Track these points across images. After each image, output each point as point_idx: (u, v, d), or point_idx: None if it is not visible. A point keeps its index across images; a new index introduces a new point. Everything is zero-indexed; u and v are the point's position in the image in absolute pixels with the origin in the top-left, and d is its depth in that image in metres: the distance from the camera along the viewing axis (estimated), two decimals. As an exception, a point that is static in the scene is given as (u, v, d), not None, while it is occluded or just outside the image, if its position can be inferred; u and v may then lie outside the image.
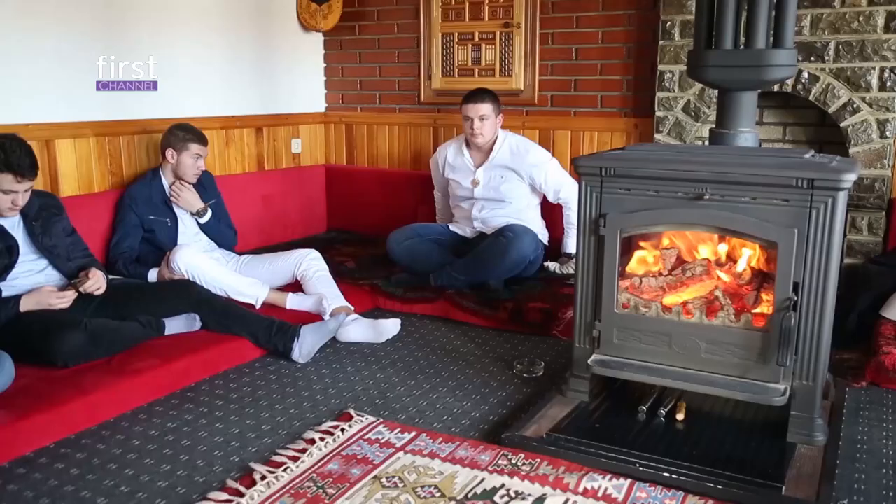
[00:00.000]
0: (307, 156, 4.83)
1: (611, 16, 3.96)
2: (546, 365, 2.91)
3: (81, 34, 3.43)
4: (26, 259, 2.82)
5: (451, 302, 3.47)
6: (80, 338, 2.58)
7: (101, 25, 3.51)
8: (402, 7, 4.55)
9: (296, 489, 2.05)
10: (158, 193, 3.44)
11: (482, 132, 3.68)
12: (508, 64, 4.27)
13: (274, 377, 2.84)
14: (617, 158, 2.41)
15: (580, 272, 2.47)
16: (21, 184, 2.70)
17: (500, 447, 2.25)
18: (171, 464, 2.21)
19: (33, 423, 2.27)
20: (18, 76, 3.21)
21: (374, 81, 4.75)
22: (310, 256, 3.46)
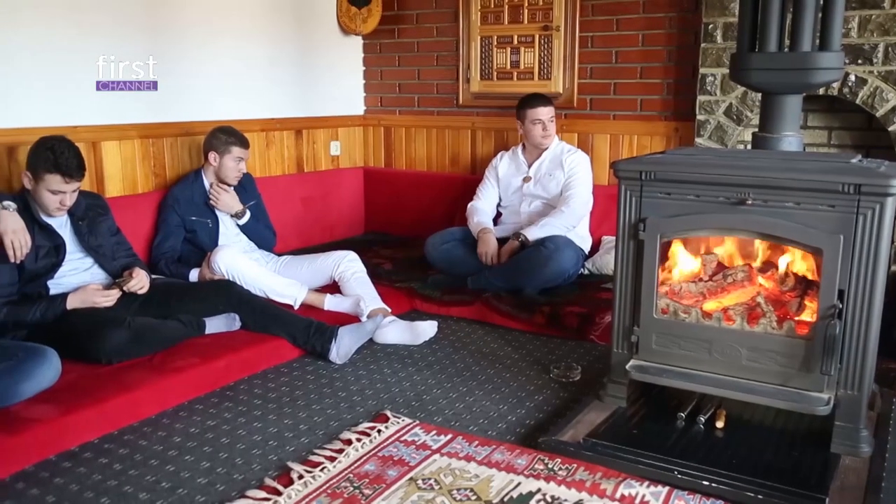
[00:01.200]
0: (346, 158, 4.87)
1: (652, 18, 3.93)
2: (583, 370, 2.89)
3: (128, 38, 3.50)
4: (73, 258, 2.89)
5: (488, 305, 3.46)
6: (124, 336, 2.63)
7: (146, 29, 3.58)
8: (441, 10, 4.57)
9: (332, 489, 2.06)
10: (200, 195, 3.49)
11: (551, 133, 3.78)
12: (547, 67, 4.26)
13: (311, 377, 2.87)
14: (657, 162, 2.38)
15: (618, 276, 2.45)
16: (69, 184, 2.77)
17: (536, 451, 2.25)
18: (210, 461, 2.24)
19: (78, 419, 2.32)
20: (67, 80, 3.29)
21: (413, 85, 4.77)
22: (348, 258, 3.49)
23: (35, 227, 2.76)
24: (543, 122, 3.75)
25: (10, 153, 3.08)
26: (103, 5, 3.39)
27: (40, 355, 2.39)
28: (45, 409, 2.31)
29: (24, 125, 3.11)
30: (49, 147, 2.73)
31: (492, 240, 3.67)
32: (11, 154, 3.08)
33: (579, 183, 3.73)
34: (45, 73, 3.20)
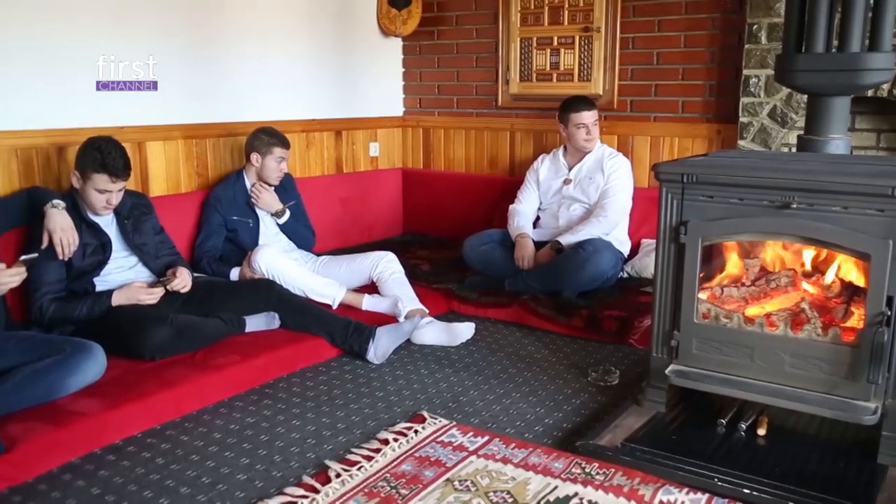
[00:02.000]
0: (384, 159, 4.90)
1: (694, 19, 3.88)
2: (621, 374, 2.87)
3: (172, 41, 3.56)
4: (118, 256, 2.95)
5: (526, 307, 3.45)
6: (167, 333, 2.68)
7: (188, 30, 3.64)
8: (481, 12, 4.57)
9: (369, 488, 2.07)
10: (241, 195, 3.54)
11: (594, 137, 3.75)
12: (587, 69, 4.23)
13: (349, 377, 2.89)
14: (700, 165, 2.35)
15: (658, 280, 2.42)
16: (115, 184, 2.83)
17: (573, 455, 2.23)
18: (249, 458, 2.27)
19: (122, 413, 2.37)
20: (114, 79, 3.35)
21: (452, 86, 4.78)
22: (386, 259, 3.50)
23: (82, 226, 2.83)
24: (587, 126, 3.71)
25: (60, 153, 3.15)
26: (152, 6, 3.46)
27: (87, 350, 2.45)
28: (90, 403, 2.36)
29: (72, 125, 3.18)
30: (97, 147, 2.79)
31: (529, 244, 3.66)
32: (61, 154, 3.16)
33: (618, 189, 3.69)
34: (93, 74, 3.26)
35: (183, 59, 3.62)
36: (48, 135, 3.12)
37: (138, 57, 3.42)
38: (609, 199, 3.67)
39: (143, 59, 3.44)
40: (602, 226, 3.60)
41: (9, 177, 3.02)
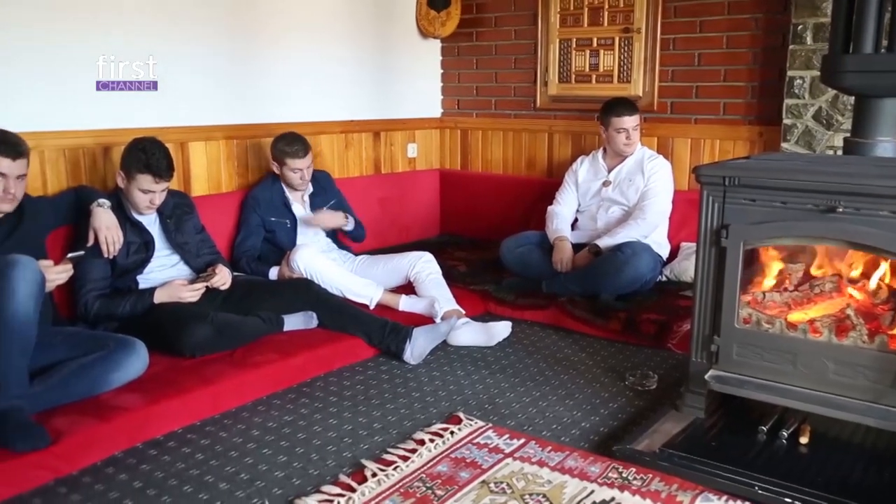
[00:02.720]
0: (422, 160, 4.91)
1: (737, 20, 3.82)
2: (659, 378, 2.83)
3: (215, 42, 3.62)
4: (161, 254, 3.00)
5: (563, 310, 3.43)
6: (208, 330, 2.72)
7: (230, 31, 3.69)
8: (520, 13, 4.56)
9: (405, 488, 2.08)
10: (279, 196, 3.58)
11: (634, 141, 3.71)
12: (627, 70, 4.20)
13: (386, 377, 2.90)
14: (742, 167, 2.32)
15: (699, 284, 2.39)
16: (158, 184, 2.88)
17: (610, 460, 2.21)
18: (287, 455, 2.29)
19: (163, 409, 2.41)
20: (158, 80, 3.41)
21: (490, 87, 4.77)
22: (423, 259, 3.51)
23: (127, 225, 2.89)
24: (628, 131, 3.68)
25: (106, 153, 3.22)
26: (199, 7, 3.52)
27: (130, 346, 2.50)
28: (132, 398, 2.41)
29: (117, 126, 3.24)
30: (141, 148, 2.85)
31: (567, 248, 3.64)
32: (106, 154, 3.22)
33: (657, 192, 3.65)
34: (139, 76, 3.32)
35: (225, 60, 3.67)
36: (95, 135, 3.19)
37: (180, 59, 3.48)
38: (648, 202, 3.63)
39: (186, 61, 3.50)
40: (641, 228, 3.56)
41: (57, 176, 3.09)
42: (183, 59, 3.49)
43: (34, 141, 2.92)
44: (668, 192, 3.70)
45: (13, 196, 2.50)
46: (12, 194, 2.50)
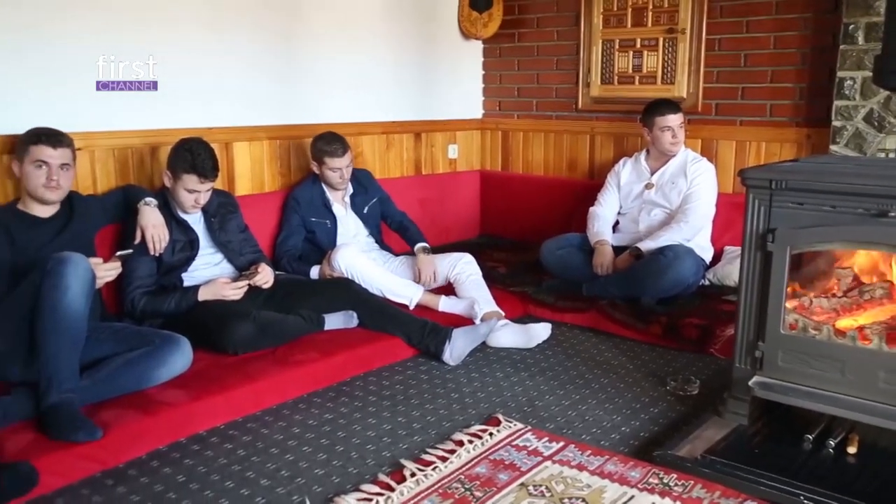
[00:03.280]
0: (463, 161, 4.91)
1: (785, 20, 3.75)
2: (701, 384, 2.79)
3: (259, 44, 3.67)
4: (205, 252, 3.05)
5: (603, 313, 3.40)
6: (250, 328, 2.76)
7: (275, 32, 3.74)
8: (563, 14, 4.53)
9: (444, 489, 2.08)
10: (319, 196, 3.61)
11: (680, 140, 3.68)
12: (671, 71, 4.15)
13: (425, 377, 2.91)
14: (789, 171, 2.28)
15: (743, 288, 2.35)
16: (203, 184, 2.93)
17: (651, 465, 2.19)
18: (327, 453, 2.31)
19: (206, 405, 2.45)
20: (203, 83, 3.48)
21: (532, 89, 4.75)
22: (463, 260, 3.51)
23: (173, 223, 2.94)
24: (673, 129, 3.63)
25: (153, 153, 3.29)
26: (242, 8, 3.58)
27: (175, 343, 2.54)
28: (177, 393, 2.45)
29: (165, 126, 3.31)
30: (188, 149, 2.90)
31: (608, 251, 3.61)
32: (154, 154, 3.29)
33: (701, 195, 3.60)
34: (183, 78, 3.39)
35: (269, 61, 3.72)
36: (142, 135, 3.26)
37: (224, 61, 3.54)
38: (692, 205, 3.58)
39: (230, 63, 3.56)
40: (684, 232, 3.52)
41: (106, 175, 3.16)
42: (227, 61, 3.55)
43: (84, 141, 3.01)
44: (711, 195, 3.64)
45: (57, 184, 2.58)
46: (55, 181, 2.57)
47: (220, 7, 3.48)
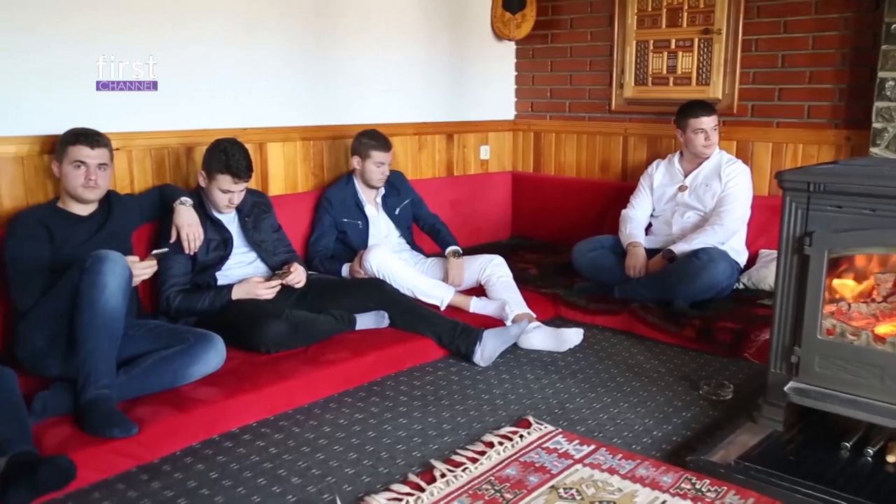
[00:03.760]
0: (495, 162, 4.91)
1: (824, 20, 3.68)
2: (735, 388, 2.76)
3: (292, 44, 3.70)
4: (238, 251, 3.09)
5: (636, 316, 3.38)
6: (283, 327, 2.78)
7: (306, 33, 3.77)
8: (597, 14, 4.51)
9: (474, 490, 2.08)
10: (352, 197, 3.63)
11: (714, 143, 3.63)
12: (706, 72, 4.10)
13: (455, 378, 2.91)
14: (828, 173, 2.24)
15: (779, 293, 2.32)
16: (237, 185, 2.97)
17: (683, 470, 2.16)
18: (357, 453, 2.32)
19: (239, 402, 2.48)
20: (236, 84, 3.51)
21: (565, 90, 4.73)
22: (494, 262, 3.51)
23: (207, 222, 2.98)
24: (706, 132, 3.59)
25: (188, 153, 3.33)
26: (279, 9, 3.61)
27: (209, 341, 2.57)
28: (210, 391, 2.48)
29: (198, 127, 3.35)
30: (222, 149, 2.94)
31: (641, 253, 3.58)
32: (189, 154, 3.33)
33: (735, 197, 3.55)
34: (218, 80, 3.43)
35: (302, 62, 3.75)
36: (179, 136, 3.30)
37: (256, 62, 3.57)
38: (726, 207, 3.54)
39: (263, 64, 3.59)
40: (718, 234, 3.48)
41: (143, 175, 3.21)
42: (261, 63, 3.58)
43: (124, 141, 3.06)
44: (746, 198, 3.60)
45: (95, 183, 2.63)
46: (93, 180, 2.63)
47: (253, 9, 3.51)
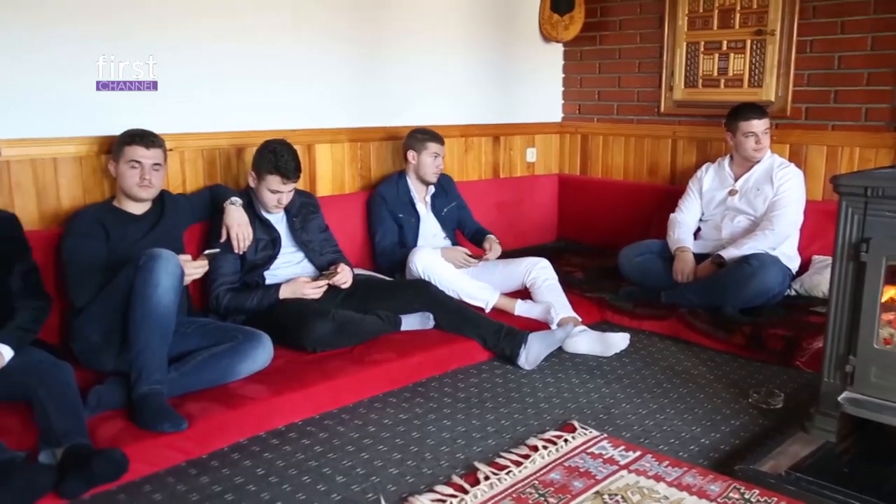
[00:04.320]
0: (541, 165, 4.89)
1: (884, 20, 3.58)
2: (786, 397, 2.70)
3: (340, 46, 3.73)
4: (286, 251, 3.13)
5: (683, 321, 3.33)
6: (329, 327, 2.81)
7: (358, 37, 3.80)
8: (646, 16, 4.46)
9: (517, 493, 2.07)
10: (405, 194, 3.66)
11: (764, 146, 3.56)
12: (759, 74, 4.02)
13: (500, 381, 2.90)
14: (887, 177, 2.18)
15: (834, 300, 2.26)
16: (286, 185, 3.01)
17: (731, 479, 2.13)
18: (401, 453, 2.33)
19: (286, 401, 2.51)
20: (291, 86, 3.56)
21: (613, 92, 4.69)
22: (540, 265, 3.49)
23: (256, 222, 3.02)
24: (757, 135, 3.52)
25: (239, 154, 3.39)
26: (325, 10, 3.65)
27: (257, 339, 2.61)
28: (258, 388, 2.52)
29: (249, 128, 3.40)
30: (272, 150, 2.98)
31: (689, 258, 3.52)
32: (239, 154, 3.39)
33: (788, 202, 3.47)
34: (265, 80, 3.48)
35: (350, 63, 3.78)
36: (230, 137, 3.36)
37: (311, 65, 3.62)
38: (778, 212, 3.46)
39: (313, 66, 3.63)
40: (769, 240, 3.40)
41: (195, 175, 3.27)
42: (311, 65, 3.62)
43: (177, 142, 3.13)
44: (799, 203, 3.51)
45: (149, 182, 2.70)
46: (148, 180, 2.70)
47: (304, 12, 3.56)
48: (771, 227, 3.43)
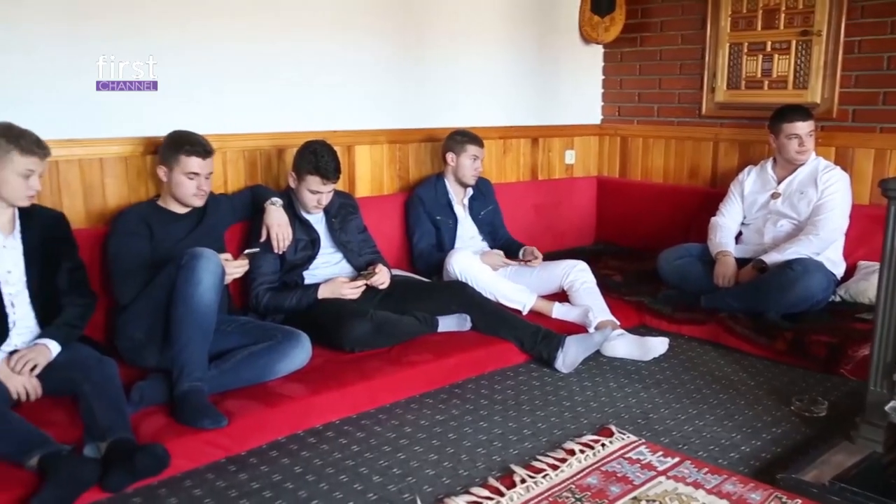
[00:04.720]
0: (580, 167, 4.85)
1: (936, 19, 3.50)
2: (829, 405, 2.64)
3: (382, 49, 3.75)
4: (325, 252, 3.15)
5: (723, 326, 3.28)
6: (367, 327, 2.83)
7: (395, 39, 3.81)
8: (688, 17, 4.40)
9: (553, 497, 2.06)
10: (443, 196, 3.67)
11: (808, 149, 3.50)
12: (804, 75, 3.94)
13: (537, 383, 2.89)
14: (938, 182, 2.12)
15: (881, 307, 2.21)
16: (326, 186, 3.03)
17: (773, 488, 2.09)
18: (437, 454, 2.33)
19: (323, 400, 2.53)
20: (332, 88, 3.59)
21: (653, 94, 4.64)
22: (578, 267, 3.47)
23: (296, 222, 3.05)
24: (801, 137, 3.45)
25: (279, 154, 3.43)
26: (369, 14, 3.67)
27: (296, 338, 2.64)
28: (296, 387, 2.54)
29: (289, 129, 3.44)
30: (312, 151, 3.01)
31: (731, 263, 3.47)
32: (280, 155, 3.43)
33: (833, 206, 3.40)
34: (306, 82, 3.51)
35: (390, 65, 3.80)
36: (270, 138, 3.40)
37: (352, 66, 3.64)
38: (823, 216, 3.39)
39: (354, 68, 3.66)
40: (813, 245, 3.34)
41: (237, 175, 3.32)
42: (352, 67, 3.65)
43: (219, 143, 3.16)
44: (845, 207, 3.44)
45: (204, 192, 2.76)
46: (203, 191, 2.74)
47: (345, 14, 3.58)
48: (815, 232, 3.36)
